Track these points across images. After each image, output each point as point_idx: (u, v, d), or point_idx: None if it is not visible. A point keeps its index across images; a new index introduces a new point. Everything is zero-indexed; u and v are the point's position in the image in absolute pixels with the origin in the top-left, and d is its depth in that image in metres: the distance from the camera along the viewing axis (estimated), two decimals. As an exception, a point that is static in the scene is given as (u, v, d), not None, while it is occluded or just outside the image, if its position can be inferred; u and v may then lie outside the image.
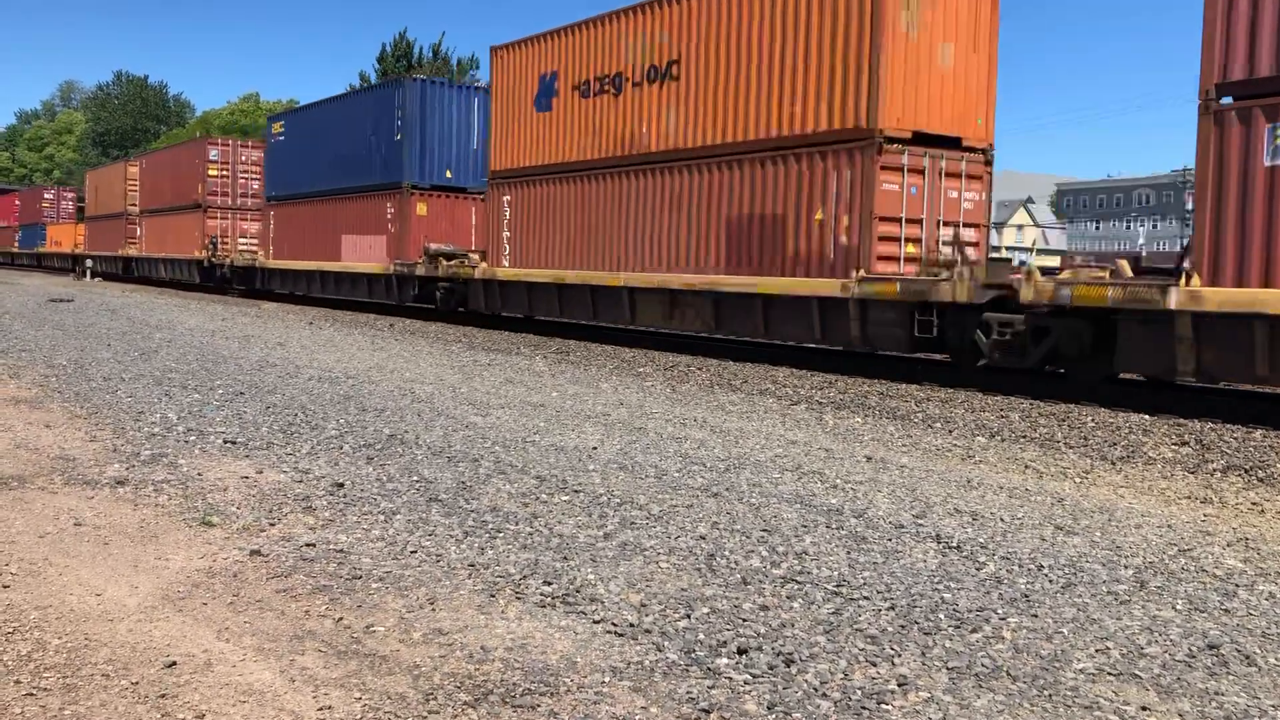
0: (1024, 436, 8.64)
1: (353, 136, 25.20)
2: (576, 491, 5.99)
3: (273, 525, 5.11)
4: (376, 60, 60.49)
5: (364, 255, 24.46)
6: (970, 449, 8.03)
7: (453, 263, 20.76)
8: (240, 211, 36.04)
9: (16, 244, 64.36)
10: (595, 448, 7.42)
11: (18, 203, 66.27)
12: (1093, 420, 9.38)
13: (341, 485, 5.96)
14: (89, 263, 46.24)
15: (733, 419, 9.14)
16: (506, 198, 19.09)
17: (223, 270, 33.47)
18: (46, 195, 60.93)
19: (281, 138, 29.57)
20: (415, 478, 6.21)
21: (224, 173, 35.81)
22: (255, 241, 34.15)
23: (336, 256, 25.72)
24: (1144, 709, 3.26)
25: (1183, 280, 9.53)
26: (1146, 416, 9.56)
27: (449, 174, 23.48)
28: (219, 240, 34.62)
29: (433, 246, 21.61)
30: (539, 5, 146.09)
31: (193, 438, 7.35)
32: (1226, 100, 9.35)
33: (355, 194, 25.11)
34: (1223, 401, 10.31)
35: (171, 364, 11.84)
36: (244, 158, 36.29)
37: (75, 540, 4.79)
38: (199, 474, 6.20)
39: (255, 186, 35.31)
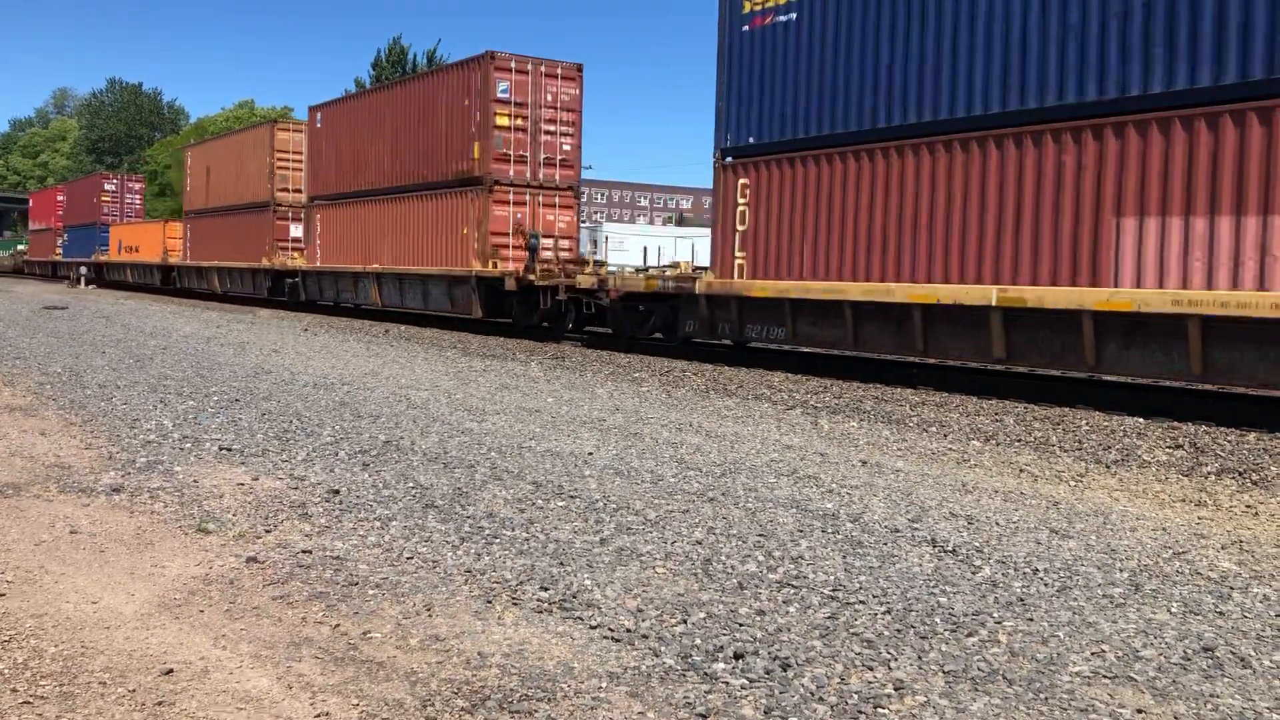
0: (1019, 440, 8.66)
1: None
2: (573, 497, 5.99)
3: (269, 532, 5.11)
4: (371, 66, 60.63)
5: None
6: (965, 453, 8.05)
7: None
8: (545, 192, 20.45)
9: (59, 250, 50.04)
10: (591, 453, 7.42)
11: (61, 198, 51.24)
12: (1087, 424, 9.41)
13: (337, 492, 5.96)
14: (83, 270, 44.95)
15: (728, 424, 9.15)
16: None
17: (557, 301, 17.81)
18: (107, 186, 46.40)
19: (789, 16, 13.53)
20: (411, 484, 6.21)
21: (519, 122, 20.04)
22: (566, 244, 20.67)
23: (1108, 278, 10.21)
24: (1139, 712, 3.27)
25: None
26: (1141, 420, 9.60)
27: None
28: (536, 241, 19.55)
29: None
30: (534, 11, 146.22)
31: (188, 445, 7.34)
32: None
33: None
34: (1217, 405, 10.35)
35: (166, 371, 11.83)
36: (549, 95, 20.27)
37: (71, 548, 4.79)
38: (195, 481, 6.20)
39: (567, 147, 20.64)
